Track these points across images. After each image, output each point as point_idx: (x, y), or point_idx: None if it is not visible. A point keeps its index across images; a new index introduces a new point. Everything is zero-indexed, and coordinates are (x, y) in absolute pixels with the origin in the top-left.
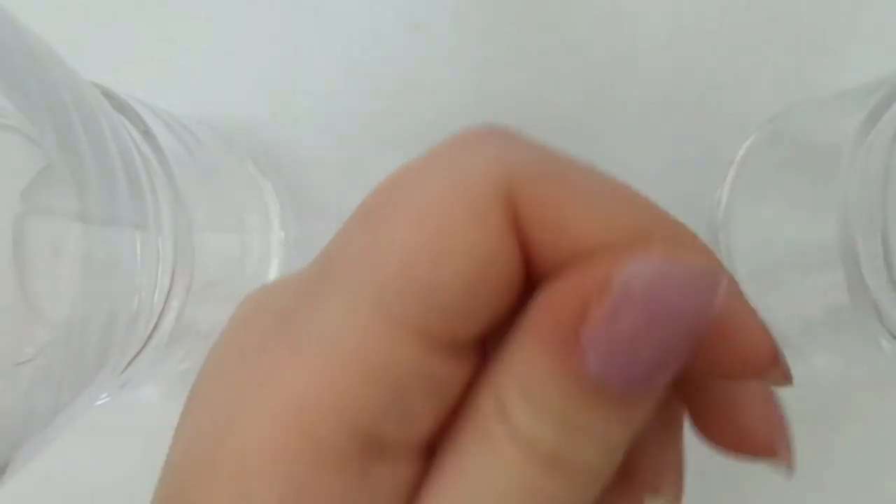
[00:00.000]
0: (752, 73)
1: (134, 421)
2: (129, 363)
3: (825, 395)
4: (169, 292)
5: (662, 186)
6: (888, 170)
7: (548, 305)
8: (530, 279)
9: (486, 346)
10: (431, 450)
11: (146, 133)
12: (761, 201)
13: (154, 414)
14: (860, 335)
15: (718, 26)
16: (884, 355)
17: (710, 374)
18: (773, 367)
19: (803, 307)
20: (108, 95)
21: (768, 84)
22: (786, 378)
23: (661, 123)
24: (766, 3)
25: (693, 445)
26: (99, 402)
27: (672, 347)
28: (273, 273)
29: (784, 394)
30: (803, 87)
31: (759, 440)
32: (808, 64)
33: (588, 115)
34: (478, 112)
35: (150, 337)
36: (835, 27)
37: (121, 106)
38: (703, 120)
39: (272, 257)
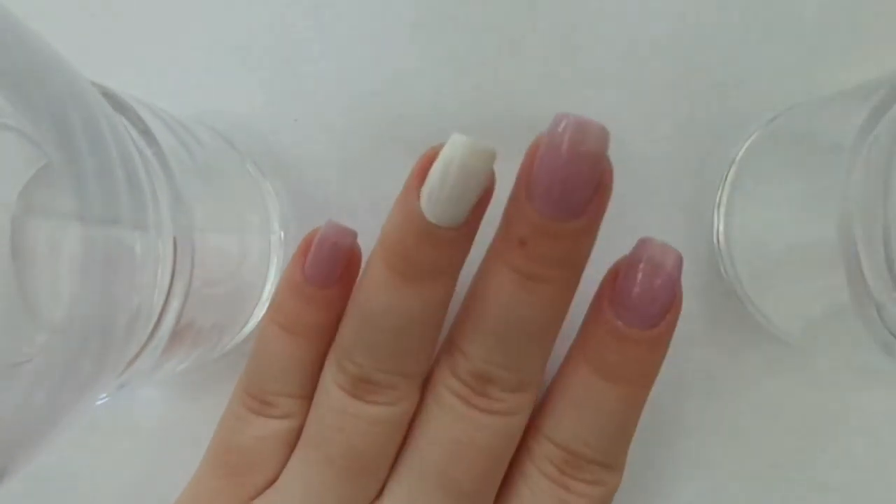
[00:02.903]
0: (752, 73)
1: (134, 421)
2: (129, 363)
3: (825, 395)
4: (169, 292)
5: (663, 187)
6: (889, 169)
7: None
8: None
9: None
10: None
11: (146, 133)
12: (761, 201)
13: (154, 414)
14: (860, 335)
15: (718, 26)
16: (884, 355)
17: None
18: None
19: (803, 307)
20: (108, 95)
21: (768, 84)
22: None
23: (661, 123)
24: (767, 3)
25: (692, 448)
26: (99, 402)
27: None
28: (273, 272)
29: (785, 394)
30: (803, 87)
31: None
32: (808, 64)
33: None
34: (476, 112)
35: (149, 337)
36: (835, 27)
37: (121, 106)
38: (703, 120)
39: (272, 257)
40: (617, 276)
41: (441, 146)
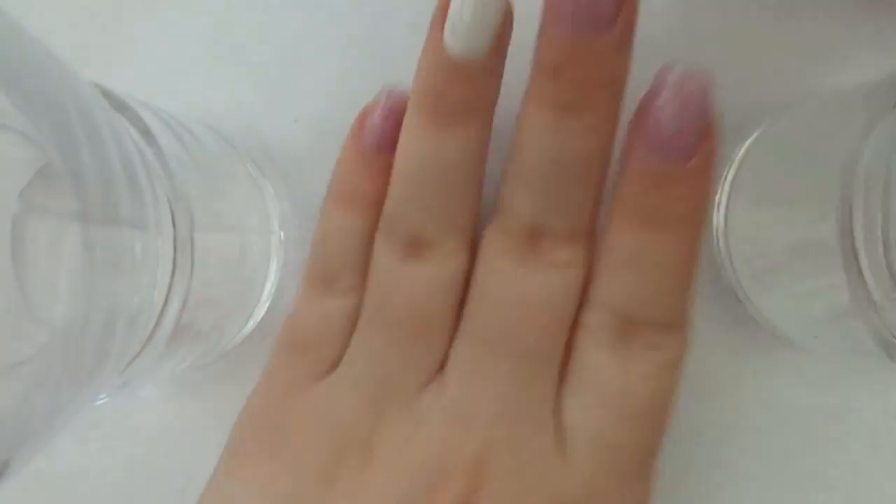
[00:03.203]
0: (752, 73)
1: (134, 421)
2: (129, 363)
3: (825, 395)
4: (169, 292)
5: None
6: (889, 170)
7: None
8: None
9: None
10: None
11: (146, 133)
12: (761, 201)
13: (154, 414)
14: (861, 335)
15: (717, 26)
16: (884, 355)
17: None
18: None
19: (803, 307)
20: (108, 95)
21: (768, 84)
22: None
23: None
24: (767, 3)
25: (692, 448)
26: (99, 402)
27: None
28: (273, 273)
29: (785, 394)
30: (803, 88)
31: None
32: (808, 64)
33: None
34: None
35: (149, 337)
36: (835, 27)
37: (120, 106)
38: None
39: (272, 257)
40: (642, 113)
41: None
